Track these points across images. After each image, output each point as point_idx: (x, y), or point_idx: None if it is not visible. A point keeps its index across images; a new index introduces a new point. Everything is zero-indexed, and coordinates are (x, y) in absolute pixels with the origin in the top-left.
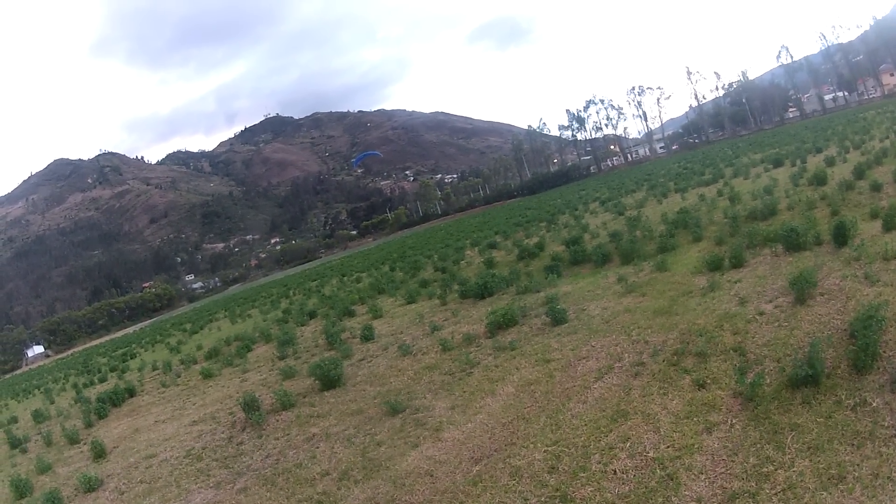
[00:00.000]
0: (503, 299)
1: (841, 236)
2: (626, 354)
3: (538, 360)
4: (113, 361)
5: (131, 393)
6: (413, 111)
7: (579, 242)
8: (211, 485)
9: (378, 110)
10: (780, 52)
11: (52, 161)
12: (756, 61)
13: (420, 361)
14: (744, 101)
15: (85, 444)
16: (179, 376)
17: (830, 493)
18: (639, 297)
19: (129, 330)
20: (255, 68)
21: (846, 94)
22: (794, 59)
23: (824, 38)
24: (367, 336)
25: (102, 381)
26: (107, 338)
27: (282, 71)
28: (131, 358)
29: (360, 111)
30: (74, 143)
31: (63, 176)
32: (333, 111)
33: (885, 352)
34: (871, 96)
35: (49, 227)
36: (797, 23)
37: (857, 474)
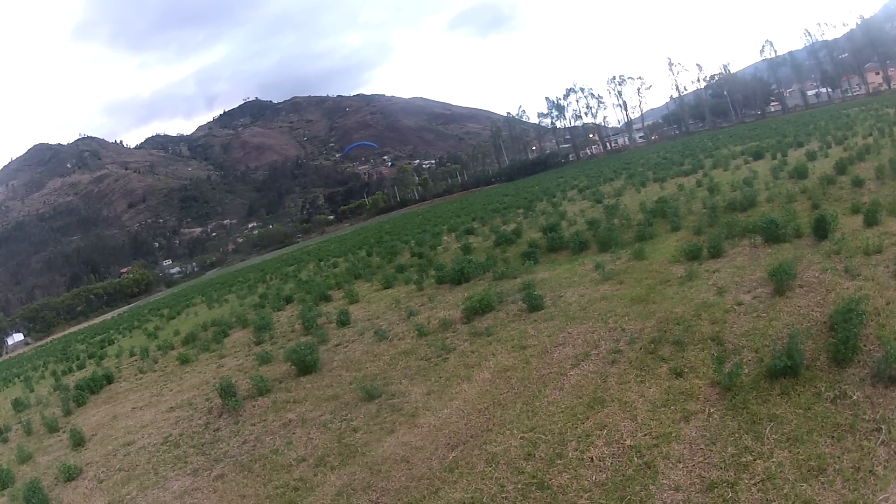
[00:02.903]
0: (480, 285)
1: (821, 230)
2: (603, 342)
3: (514, 347)
4: (91, 348)
5: (109, 380)
6: (392, 96)
7: (556, 229)
8: (188, 472)
9: (357, 95)
10: (763, 46)
11: (32, 146)
12: (739, 55)
13: (396, 347)
14: (725, 93)
15: (64, 432)
16: (157, 362)
17: (811, 485)
18: (616, 285)
19: (108, 316)
20: (236, 51)
21: (829, 90)
22: (778, 53)
23: (809, 34)
24: (344, 321)
25: (81, 367)
26: (85, 324)
27: (262, 54)
28: (109, 344)
29: (339, 95)
30: (55, 128)
31: (43, 161)
32: (312, 95)
33: (865, 345)
34: (855, 93)
35: (29, 213)
36: (782, 19)
37: (837, 467)
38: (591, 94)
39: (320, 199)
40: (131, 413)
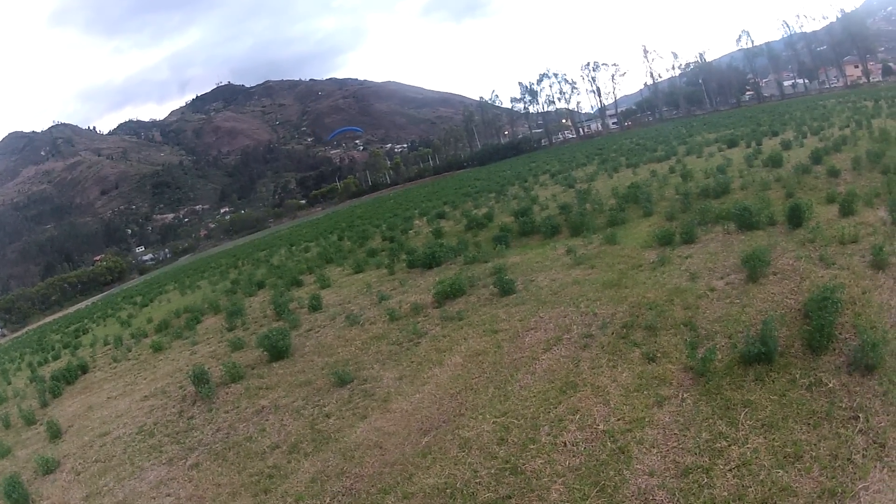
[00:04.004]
0: (451, 269)
1: (796, 218)
2: (575, 326)
3: (486, 331)
4: (66, 338)
5: (84, 369)
6: (365, 80)
7: (528, 214)
8: (163, 461)
9: (329, 79)
10: (740, 36)
11: (6, 135)
12: (715, 44)
13: (368, 331)
14: (700, 81)
15: (41, 424)
16: (130, 350)
17: (787, 472)
18: (588, 270)
19: (82, 305)
20: (210, 35)
21: (806, 81)
22: (755, 44)
23: (787, 26)
24: (315, 306)
25: (56, 358)
26: (60, 314)
27: (236, 38)
28: (83, 333)
29: (311, 80)
30: (30, 115)
31: (17, 149)
32: (285, 79)
33: (840, 333)
34: (832, 85)
35: (3, 203)
36: (759, 9)
37: (814, 454)
38: (565, 79)
39: (292, 184)
40: (106, 403)
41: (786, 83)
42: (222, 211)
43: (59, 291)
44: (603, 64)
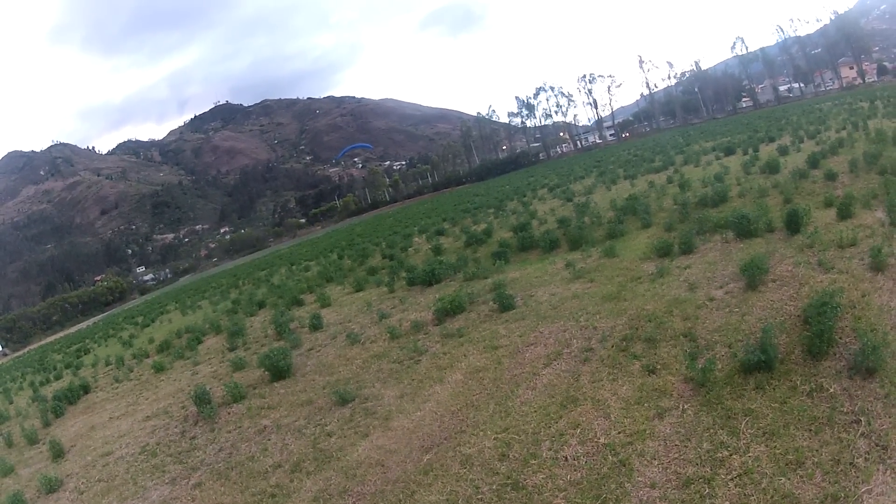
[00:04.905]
0: (451, 286)
1: (794, 224)
2: (575, 340)
3: (486, 347)
4: (67, 358)
5: (86, 389)
6: (362, 98)
7: (527, 229)
8: (166, 481)
9: (327, 97)
10: (734, 42)
11: (6, 154)
12: (710, 52)
13: (368, 350)
14: (696, 90)
15: (44, 443)
16: (132, 371)
17: (789, 479)
18: (587, 283)
19: (83, 325)
20: (208, 54)
21: (802, 85)
22: (750, 50)
23: (781, 30)
24: (316, 325)
25: (58, 378)
26: (61, 333)
27: (234, 57)
28: (85, 353)
29: (309, 98)
30: (29, 135)
31: (17, 168)
32: (283, 98)
33: (840, 338)
34: (828, 88)
35: (3, 222)
36: (753, 15)
37: (816, 460)
38: (562, 92)
39: (291, 203)
40: (109, 423)
41: (781, 88)
42: (222, 230)
43: (61, 311)
44: (599, 76)
